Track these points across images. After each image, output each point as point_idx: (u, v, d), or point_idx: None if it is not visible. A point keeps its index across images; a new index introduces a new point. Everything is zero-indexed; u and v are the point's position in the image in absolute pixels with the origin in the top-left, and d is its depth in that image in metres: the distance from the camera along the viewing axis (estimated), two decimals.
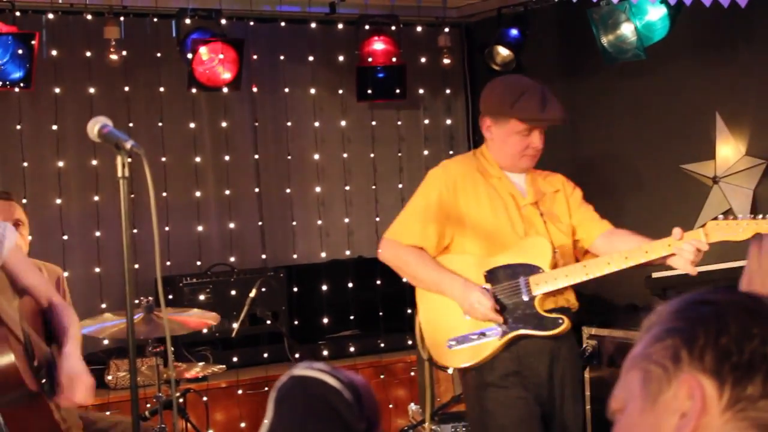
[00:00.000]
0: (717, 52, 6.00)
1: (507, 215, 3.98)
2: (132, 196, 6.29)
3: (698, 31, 5.98)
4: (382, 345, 6.69)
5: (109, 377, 5.84)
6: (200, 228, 6.73)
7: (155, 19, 6.48)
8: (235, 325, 5.22)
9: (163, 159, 6.56)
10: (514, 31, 6.86)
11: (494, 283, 3.93)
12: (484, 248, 3.96)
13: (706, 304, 1.26)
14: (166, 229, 6.55)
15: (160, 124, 6.57)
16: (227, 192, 6.82)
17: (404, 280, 4.23)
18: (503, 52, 6.90)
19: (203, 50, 6.25)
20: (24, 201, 5.79)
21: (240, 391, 6.07)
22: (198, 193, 6.73)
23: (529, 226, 3.99)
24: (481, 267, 3.94)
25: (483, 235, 3.96)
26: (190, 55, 6.21)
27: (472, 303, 3.84)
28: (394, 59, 7.06)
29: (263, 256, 6.90)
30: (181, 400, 4.81)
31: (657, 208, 6.44)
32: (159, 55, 6.53)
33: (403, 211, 4.12)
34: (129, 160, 3.08)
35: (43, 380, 3.23)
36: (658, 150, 6.39)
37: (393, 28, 7.09)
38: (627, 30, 5.87)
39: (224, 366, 4.97)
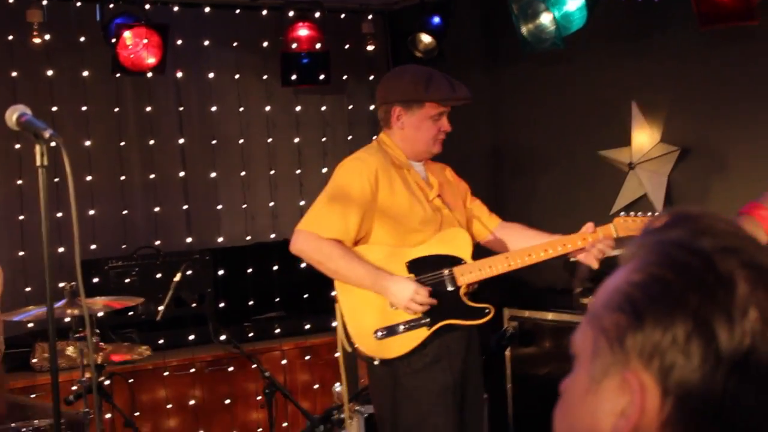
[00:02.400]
0: (633, 42, 6.15)
1: (422, 207, 4.00)
2: (56, 180, 6.28)
3: (615, 21, 6.12)
4: (307, 326, 6.75)
5: (34, 360, 5.84)
6: (125, 212, 6.74)
7: (78, 3, 6.43)
8: (161, 308, 5.23)
9: (88, 143, 6.54)
10: (436, 19, 6.95)
11: (417, 273, 3.95)
12: (403, 240, 3.97)
13: (697, 255, 1.08)
14: (92, 212, 6.54)
15: (84, 108, 6.53)
16: (152, 176, 6.83)
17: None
18: (426, 39, 6.99)
19: (127, 35, 6.23)
20: None
21: (166, 373, 6.10)
22: (123, 177, 6.72)
23: (439, 218, 4.04)
24: (401, 258, 3.96)
25: (402, 227, 3.97)
26: (114, 40, 6.20)
27: (411, 296, 3.84)
28: (318, 45, 7.11)
29: (188, 240, 6.91)
30: (107, 382, 4.82)
31: (576, 193, 6.58)
32: (83, 39, 6.48)
33: (318, 203, 4.01)
34: (53, 143, 3.06)
35: None
36: (577, 136, 6.53)
37: (317, 14, 7.14)
38: (546, 20, 5.97)
39: (150, 347, 4.99)
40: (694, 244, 1.08)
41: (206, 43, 7.01)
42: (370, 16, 7.43)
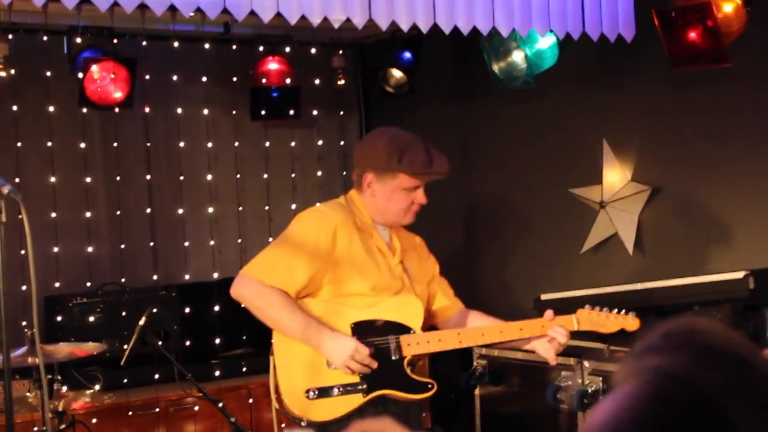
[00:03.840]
0: (604, 80, 6.16)
1: (379, 271, 3.84)
2: (20, 217, 6.19)
3: (586, 60, 6.12)
4: None
5: None
6: (90, 248, 6.63)
7: (45, 37, 6.36)
8: (126, 347, 5.12)
9: (53, 179, 6.46)
10: (407, 54, 6.92)
11: (360, 336, 3.76)
12: (352, 300, 3.81)
13: (698, 399, 0.98)
14: (56, 249, 6.45)
15: (49, 143, 6.45)
16: (118, 212, 6.73)
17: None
18: (397, 74, 6.97)
19: (95, 68, 6.15)
20: None
21: (130, 413, 5.99)
22: (88, 214, 6.62)
23: (398, 286, 3.88)
24: (347, 318, 3.79)
25: (354, 288, 3.80)
26: (81, 74, 6.12)
27: (350, 354, 3.67)
28: (288, 80, 7.07)
29: (155, 277, 6.83)
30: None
31: (547, 229, 6.57)
32: (49, 73, 6.41)
33: (269, 249, 3.87)
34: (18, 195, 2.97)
35: None
36: (548, 174, 6.51)
37: (287, 48, 7.10)
38: (517, 58, 5.96)
39: (113, 395, 4.88)
40: (696, 380, 0.98)
41: (175, 77, 6.94)
42: (340, 51, 7.40)
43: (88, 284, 6.52)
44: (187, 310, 6.62)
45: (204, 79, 7.03)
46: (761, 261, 5.12)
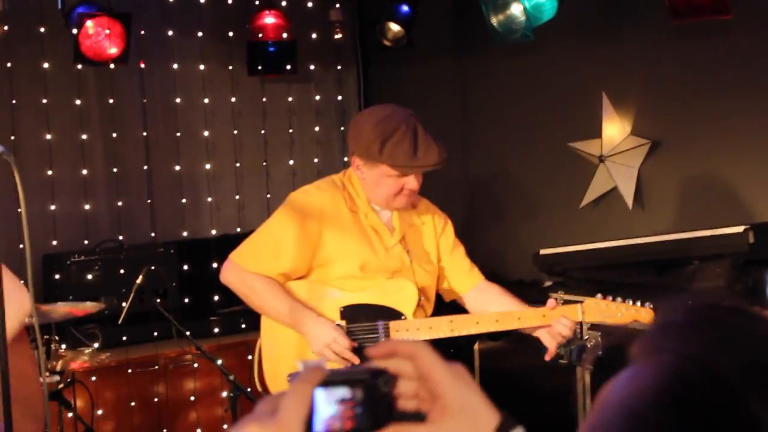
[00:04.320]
0: (603, 33, 6.10)
1: (372, 253, 3.74)
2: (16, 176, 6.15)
3: (586, 12, 6.06)
4: None
5: None
6: (87, 206, 6.59)
7: None
8: (124, 305, 5.10)
9: (48, 136, 6.41)
10: (405, 7, 6.83)
11: (350, 321, 3.70)
12: (344, 283, 3.73)
13: (720, 388, 0.94)
14: (53, 207, 6.42)
15: (44, 100, 6.39)
16: (115, 169, 6.70)
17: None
18: (394, 27, 6.88)
19: (89, 24, 6.09)
20: None
21: (129, 370, 5.99)
22: (85, 171, 6.58)
23: (396, 267, 3.77)
24: (336, 302, 3.72)
25: (342, 270, 3.72)
26: (75, 30, 6.06)
27: (327, 342, 3.59)
28: (284, 34, 7.00)
29: (152, 234, 6.80)
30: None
31: (546, 184, 6.54)
32: (43, 29, 6.34)
33: (254, 235, 3.81)
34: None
35: None
36: (547, 128, 6.47)
37: (284, 2, 7.03)
38: (516, 10, 5.90)
39: (110, 354, 4.86)
40: (716, 363, 0.94)
41: (170, 32, 6.87)
42: (337, 4, 7.32)
43: (86, 242, 6.50)
44: (186, 267, 6.60)
45: (200, 34, 6.97)
46: (762, 215, 5.10)
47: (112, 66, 6.33)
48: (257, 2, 6.95)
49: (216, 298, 6.66)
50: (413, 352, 1.18)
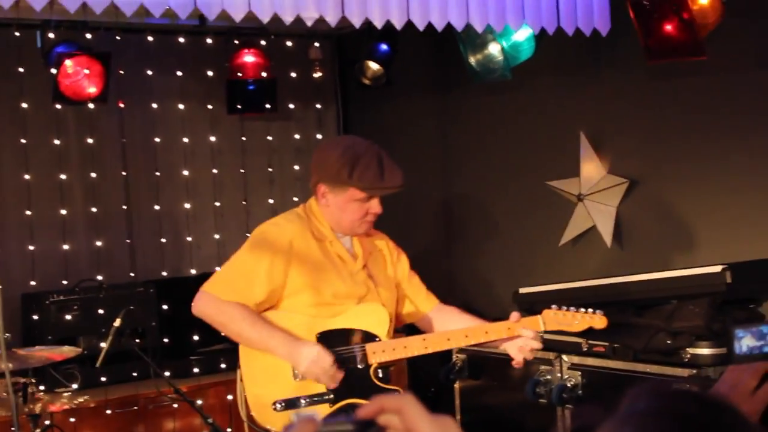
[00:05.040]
0: (581, 72, 6.14)
1: (341, 280, 3.84)
2: None
3: (563, 52, 6.09)
4: None
5: None
6: (66, 246, 6.58)
7: (17, 32, 6.29)
8: (103, 345, 5.06)
9: (27, 177, 6.41)
10: (384, 46, 6.87)
11: (326, 346, 3.74)
12: (316, 311, 3.79)
13: None
14: (31, 248, 6.42)
15: (23, 140, 6.40)
16: (94, 209, 6.69)
17: None
18: (373, 66, 6.91)
19: (69, 63, 6.08)
20: None
21: (109, 411, 5.96)
22: (64, 211, 6.57)
23: (362, 293, 3.88)
24: (312, 328, 3.78)
25: (315, 298, 3.79)
26: (54, 69, 6.07)
27: (313, 359, 3.66)
28: (264, 73, 7.02)
29: (132, 273, 6.79)
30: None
31: (525, 222, 6.55)
32: (22, 69, 6.35)
33: (226, 266, 3.88)
34: None
35: None
36: (526, 166, 6.50)
37: (263, 41, 7.05)
38: (494, 50, 5.93)
39: (89, 396, 4.83)
40: None
41: (149, 71, 6.87)
42: (317, 43, 7.35)
43: (65, 282, 6.48)
44: (165, 306, 6.58)
45: (179, 73, 6.98)
46: (740, 254, 5.12)
47: (91, 105, 6.34)
48: (236, 41, 6.96)
49: (196, 337, 6.64)
50: (399, 407, 1.23)
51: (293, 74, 7.42)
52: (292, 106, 7.53)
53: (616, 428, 0.99)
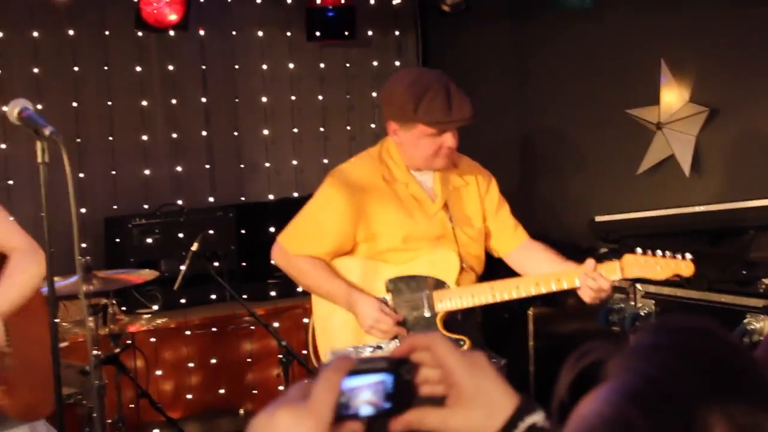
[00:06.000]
0: (662, 0, 6.03)
1: (414, 224, 3.75)
2: (78, 140, 6.30)
3: None
4: None
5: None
6: (148, 171, 6.70)
7: None
8: (182, 269, 5.15)
9: (109, 103, 6.52)
10: None
11: (395, 293, 3.74)
12: (389, 257, 3.76)
13: (673, 404, 0.95)
14: (113, 172, 6.55)
15: (106, 67, 6.49)
16: (174, 135, 6.79)
17: None
18: None
19: None
20: None
21: (188, 332, 6.09)
22: (145, 137, 6.68)
23: (438, 235, 3.78)
24: (382, 274, 3.76)
25: (386, 243, 3.74)
26: None
27: (371, 323, 3.66)
28: (343, 0, 7.02)
29: (211, 198, 6.89)
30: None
31: (603, 151, 6.51)
32: None
33: (297, 217, 3.87)
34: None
35: None
36: (605, 94, 6.43)
37: None
38: None
39: (167, 319, 4.93)
40: (675, 385, 0.96)
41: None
42: None
43: (146, 207, 6.61)
44: (244, 231, 6.68)
45: (258, 0, 7.01)
46: None
47: (172, 33, 6.40)
48: None
49: (273, 261, 6.72)
50: (428, 344, 1.27)
51: (372, 1, 7.39)
52: (371, 33, 7.52)
53: (625, 362, 1.01)
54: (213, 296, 6.33)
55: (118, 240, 6.26)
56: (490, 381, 1.27)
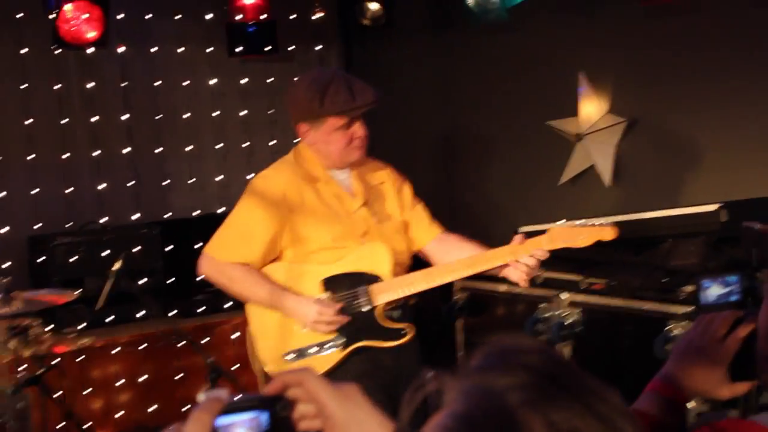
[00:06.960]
0: (579, 13, 6.13)
1: (339, 222, 3.82)
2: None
3: None
4: None
5: None
6: (70, 189, 6.62)
7: None
8: (104, 287, 5.09)
9: (29, 121, 6.44)
10: None
11: (333, 291, 3.78)
12: (319, 257, 3.79)
13: (501, 414, 1.03)
14: (36, 191, 6.47)
15: (24, 86, 6.42)
16: (97, 152, 6.72)
17: None
18: (373, 6, 6.91)
19: (67, 8, 6.09)
20: None
21: (115, 351, 5.99)
22: (67, 155, 6.60)
23: (363, 232, 3.84)
24: (316, 276, 3.79)
25: (315, 243, 3.78)
26: (53, 14, 6.07)
27: (315, 317, 3.70)
28: (264, 15, 7.02)
29: (136, 216, 6.83)
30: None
31: (525, 162, 6.59)
32: (21, 14, 6.35)
33: (222, 226, 3.90)
34: None
35: None
36: (525, 105, 6.51)
37: None
38: None
39: (94, 338, 4.88)
40: (501, 401, 1.03)
41: (149, 15, 6.87)
42: None
43: (68, 225, 6.52)
44: (170, 247, 6.64)
45: (178, 16, 6.97)
46: (738, 192, 5.16)
47: (91, 50, 6.35)
48: None
49: (200, 277, 6.69)
50: (300, 380, 1.32)
51: (293, 16, 7.39)
52: (293, 47, 7.52)
53: (460, 386, 1.07)
54: (140, 314, 6.27)
55: (42, 259, 6.18)
56: (363, 412, 1.32)
